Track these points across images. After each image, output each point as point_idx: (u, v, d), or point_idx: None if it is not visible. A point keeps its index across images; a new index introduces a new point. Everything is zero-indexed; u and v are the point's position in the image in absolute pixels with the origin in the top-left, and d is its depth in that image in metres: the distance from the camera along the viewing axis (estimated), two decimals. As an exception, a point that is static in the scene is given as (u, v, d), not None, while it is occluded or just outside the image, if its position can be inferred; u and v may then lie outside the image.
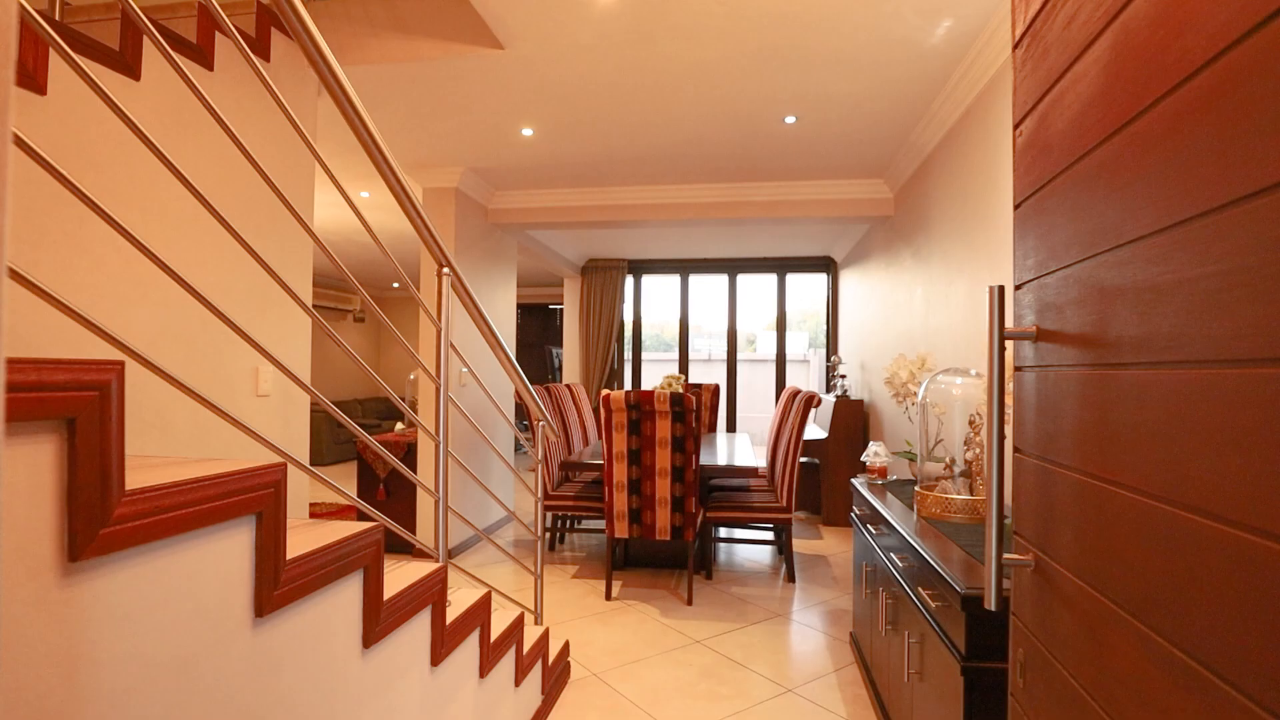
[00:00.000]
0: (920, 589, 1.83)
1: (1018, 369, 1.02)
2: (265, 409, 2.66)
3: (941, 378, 2.28)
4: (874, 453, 2.87)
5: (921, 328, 3.67)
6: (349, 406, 9.15)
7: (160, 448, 2.18)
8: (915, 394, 2.72)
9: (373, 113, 3.38)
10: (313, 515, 5.32)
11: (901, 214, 4.21)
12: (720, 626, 3.18)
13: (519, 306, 9.99)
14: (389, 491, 4.44)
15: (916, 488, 2.28)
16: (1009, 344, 1.18)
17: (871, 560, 2.54)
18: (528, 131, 3.58)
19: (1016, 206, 1.04)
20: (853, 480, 2.91)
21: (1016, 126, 1.04)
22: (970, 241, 2.92)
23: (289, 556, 1.05)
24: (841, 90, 3.06)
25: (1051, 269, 0.91)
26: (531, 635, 2.28)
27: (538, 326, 10.00)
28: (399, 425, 4.81)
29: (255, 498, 0.98)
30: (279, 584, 1.01)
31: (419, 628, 1.48)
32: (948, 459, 2.27)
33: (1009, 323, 1.68)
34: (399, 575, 1.51)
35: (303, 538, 1.18)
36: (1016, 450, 1.02)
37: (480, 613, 1.78)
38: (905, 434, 3.97)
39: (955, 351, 3.09)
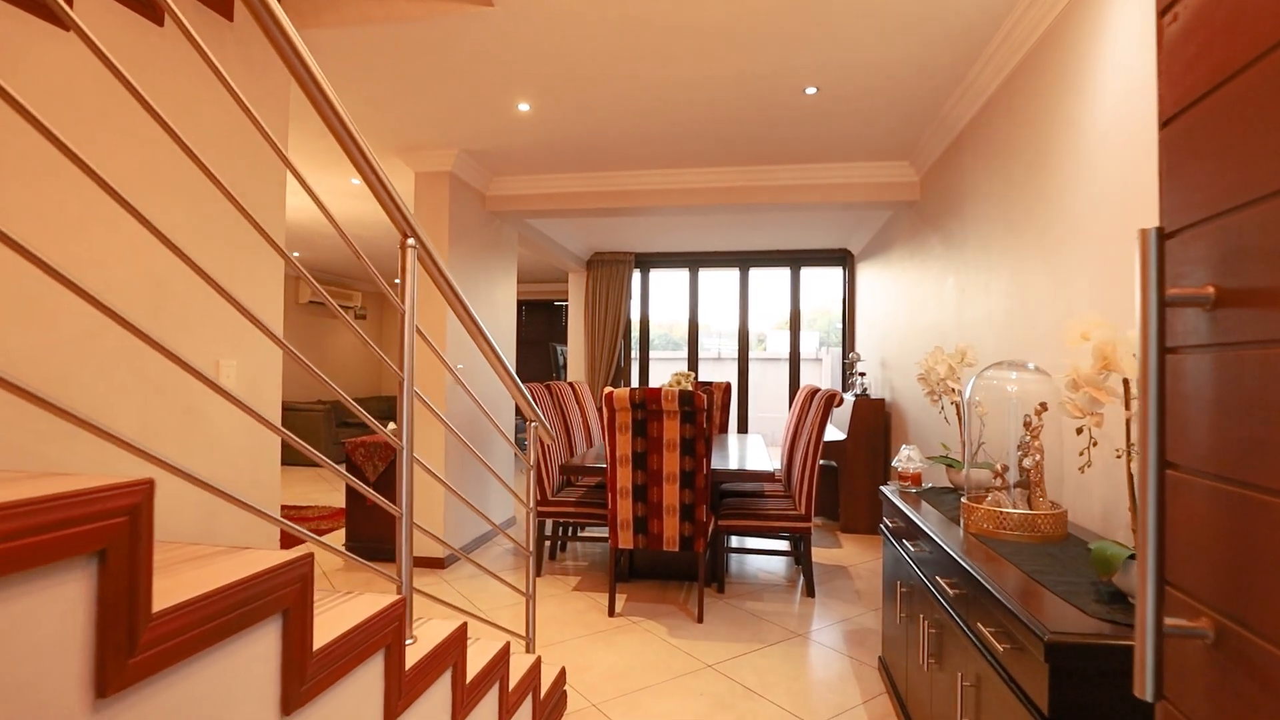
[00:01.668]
0: (977, 623, 1.53)
1: (1170, 350, 0.72)
2: (228, 408, 2.39)
3: (991, 373, 1.98)
4: (906, 457, 2.58)
5: (954, 320, 3.36)
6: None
7: (96, 453, 1.91)
8: (955, 391, 2.42)
9: (354, 85, 3.11)
10: (299, 519, 5.07)
11: (928, 198, 3.90)
12: (733, 648, 2.88)
13: (523, 303, 9.72)
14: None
15: (963, 499, 1.98)
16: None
17: (907, 579, 2.24)
18: (524, 107, 3.30)
19: (1165, 124, 0.74)
20: (882, 489, 2.61)
21: (1166, 11, 0.74)
22: (1014, 224, 2.62)
23: (157, 609, 0.77)
24: (867, 56, 2.76)
25: (1243, 202, 0.62)
26: (520, 666, 1.99)
27: (543, 323, 9.73)
28: (390, 426, 4.53)
29: (97, 530, 0.70)
30: (134, 649, 0.73)
31: (368, 678, 1.20)
32: (998, 466, 1.97)
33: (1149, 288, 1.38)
34: (344, 612, 1.23)
35: (192, 577, 0.90)
36: (1170, 467, 0.72)
37: (452, 650, 1.50)
38: (935, 436, 3.67)
39: (996, 345, 2.78)
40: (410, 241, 1.44)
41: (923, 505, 2.35)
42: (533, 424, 2.26)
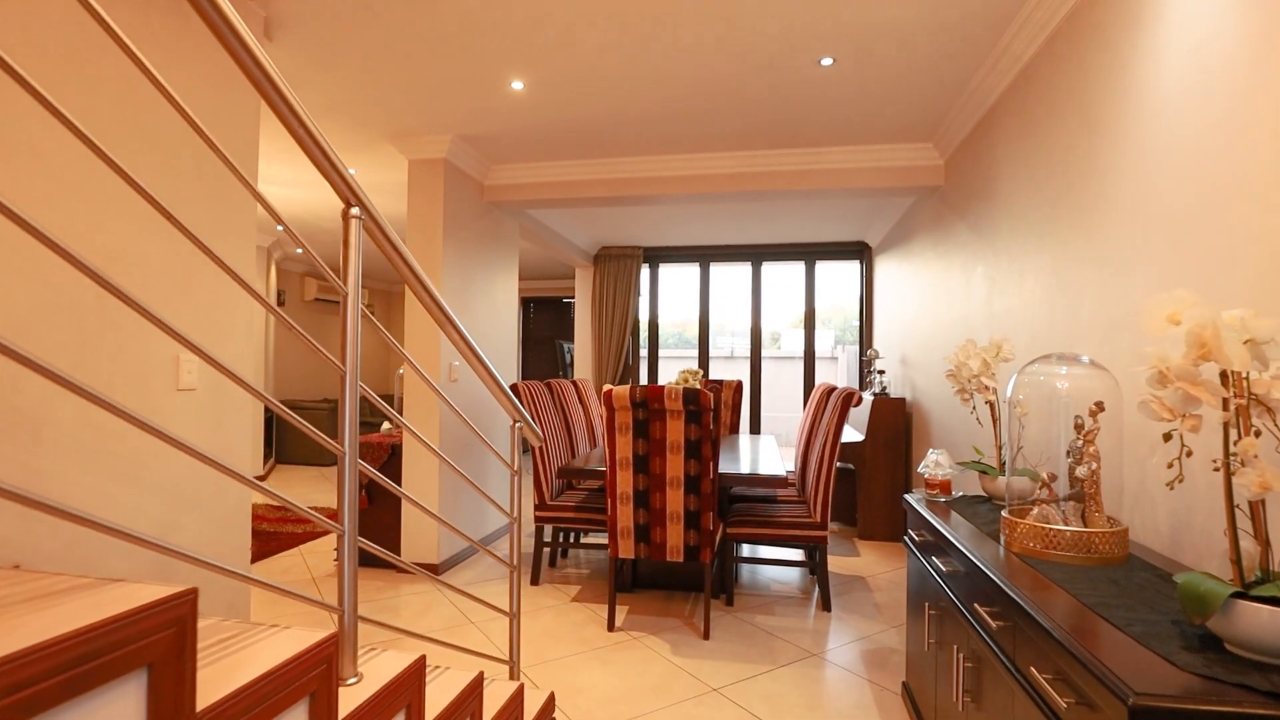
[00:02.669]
0: (1029, 667, 1.28)
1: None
2: (189, 407, 2.19)
3: (1037, 368, 1.72)
4: (934, 462, 2.32)
5: (983, 313, 3.10)
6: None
7: (30, 459, 1.71)
8: (989, 389, 2.17)
9: (336, 65, 2.90)
10: (297, 520, 4.88)
11: (955, 183, 3.63)
12: (742, 669, 2.64)
13: (531, 300, 9.52)
14: (372, 498, 3.97)
15: (1004, 512, 1.73)
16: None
17: (936, 600, 1.99)
18: (517, 85, 3.08)
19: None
20: (908, 497, 2.36)
21: None
22: (1058, 206, 2.35)
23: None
24: (889, 17, 2.50)
25: None
26: (500, 696, 1.77)
27: (550, 321, 9.53)
28: (385, 425, 4.34)
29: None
30: None
31: (281, 737, 0.98)
32: (1044, 474, 1.72)
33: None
34: (262, 652, 1.01)
35: (32, 623, 0.68)
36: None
37: (406, 689, 1.28)
38: (963, 438, 3.40)
39: (1032, 338, 2.52)
40: (354, 211, 1.22)
41: (953, 516, 2.10)
42: (517, 425, 2.03)
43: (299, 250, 7.26)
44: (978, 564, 1.58)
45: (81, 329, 1.88)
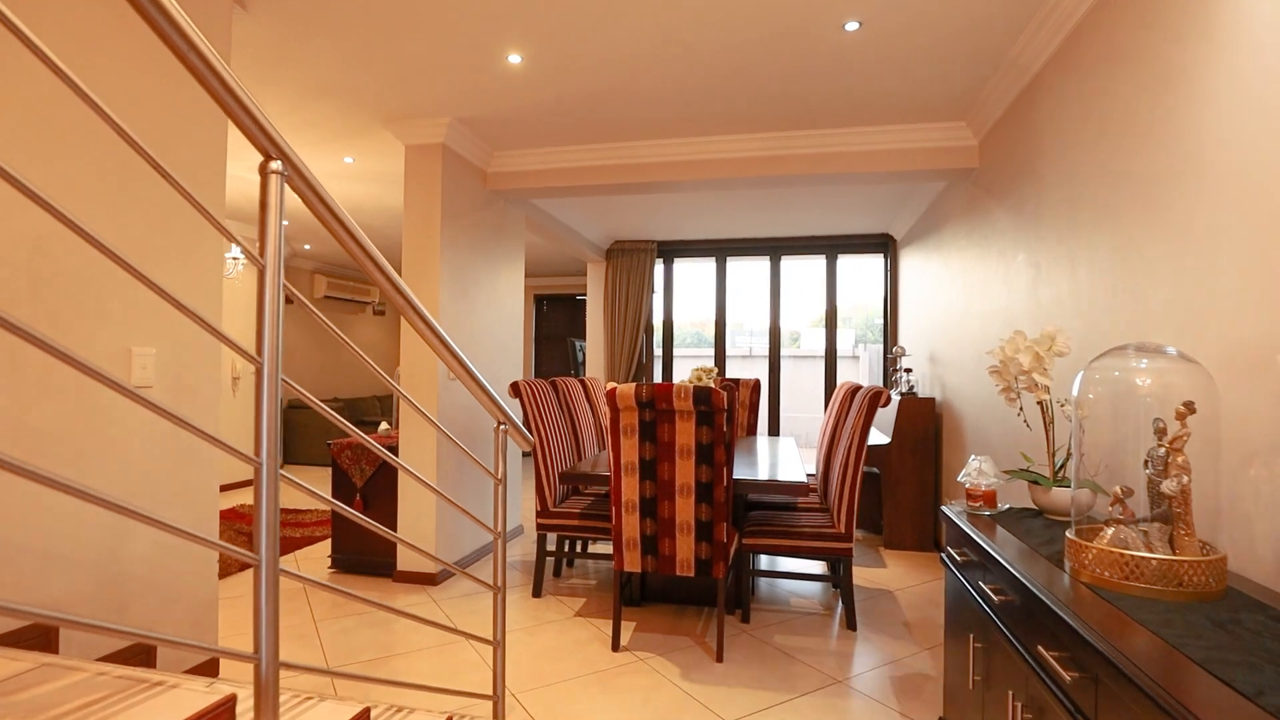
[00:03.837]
0: (1118, 734, 1.02)
1: None
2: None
3: (1109, 362, 1.45)
4: (977, 470, 2.05)
5: (1026, 303, 2.81)
6: (355, 404, 8.59)
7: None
8: (1042, 387, 1.89)
9: (318, 37, 2.68)
10: (296, 525, 4.70)
11: (991, 164, 3.34)
12: (759, 697, 2.39)
13: (544, 297, 9.32)
14: (367, 502, 3.77)
15: (1069, 533, 1.46)
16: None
17: (983, 631, 1.72)
18: (515, 58, 2.85)
19: None
20: (946, 509, 2.09)
21: None
22: (1120, 178, 2.07)
23: None
24: (927, -27, 2.24)
25: None
26: (476, 742, 1.54)
27: (564, 318, 9.31)
28: (383, 426, 4.14)
29: None
30: None
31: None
32: (1118, 489, 1.44)
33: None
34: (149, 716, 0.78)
35: None
36: None
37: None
38: (1000, 441, 3.11)
39: (1088, 330, 2.24)
40: (275, 165, 0.99)
41: (999, 532, 1.83)
42: (502, 427, 1.80)
43: (307, 247, 7.11)
44: (1039, 596, 1.32)
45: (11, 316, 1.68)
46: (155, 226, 2.02)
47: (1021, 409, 2.12)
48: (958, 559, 1.99)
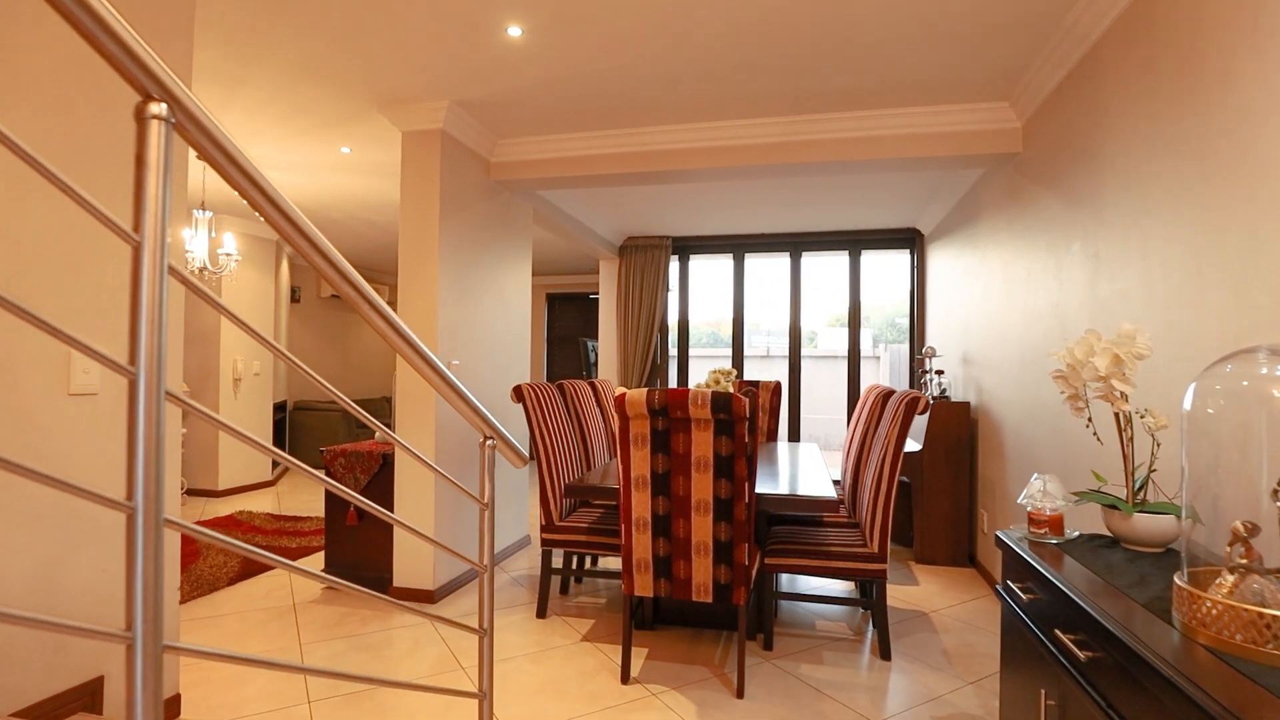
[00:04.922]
0: None
1: None
2: (86, 416, 1.76)
3: (1237, 367, 1.17)
4: (1041, 490, 1.77)
5: (1083, 298, 2.52)
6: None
7: None
8: (1122, 395, 1.61)
9: (301, 5, 2.45)
10: (294, 534, 4.50)
11: (1037, 148, 3.04)
12: (785, 743, 2.12)
13: (555, 296, 9.08)
14: (361, 515, 3.55)
15: (1178, 580, 1.18)
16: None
17: (1058, 686, 1.44)
18: (515, 31, 2.60)
19: None
20: (1003, 536, 1.81)
21: None
22: (1200, 151, 1.78)
23: None
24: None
25: None
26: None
27: (577, 318, 9.07)
28: (378, 435, 3.91)
29: None
30: None
31: None
32: (1239, 525, 1.16)
33: None
34: None
35: None
36: None
37: None
38: (1048, 450, 2.82)
39: (1166, 329, 1.95)
40: (154, 108, 0.74)
41: (1066, 563, 1.57)
42: (489, 442, 1.55)
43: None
44: (1153, 664, 1.04)
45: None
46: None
47: (1090, 419, 1.83)
48: (1020, 595, 1.71)
